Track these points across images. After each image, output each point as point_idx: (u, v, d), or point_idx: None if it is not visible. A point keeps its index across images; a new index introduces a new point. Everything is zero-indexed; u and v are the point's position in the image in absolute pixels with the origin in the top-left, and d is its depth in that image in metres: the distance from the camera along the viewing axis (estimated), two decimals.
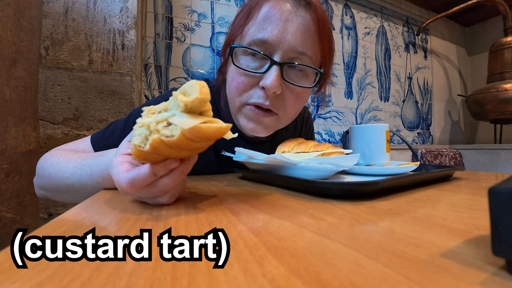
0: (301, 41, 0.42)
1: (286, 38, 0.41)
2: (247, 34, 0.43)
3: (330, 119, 1.72)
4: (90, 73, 0.85)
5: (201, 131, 0.20)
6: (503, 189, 0.11)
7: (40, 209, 0.78)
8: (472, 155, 1.96)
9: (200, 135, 0.20)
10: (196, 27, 1.33)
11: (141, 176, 0.23)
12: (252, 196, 0.30)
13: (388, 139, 0.48)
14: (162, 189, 0.24)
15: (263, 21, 0.42)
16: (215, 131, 0.21)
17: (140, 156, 0.22)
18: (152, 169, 0.23)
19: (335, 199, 0.27)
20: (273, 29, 0.41)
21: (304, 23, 0.42)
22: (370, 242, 0.15)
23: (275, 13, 0.41)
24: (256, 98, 0.44)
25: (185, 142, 0.20)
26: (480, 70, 2.43)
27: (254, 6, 0.43)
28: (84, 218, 0.21)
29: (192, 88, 0.21)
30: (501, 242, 0.11)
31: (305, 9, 0.42)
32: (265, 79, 0.41)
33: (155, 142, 0.20)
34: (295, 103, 0.46)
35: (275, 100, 0.44)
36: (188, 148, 0.22)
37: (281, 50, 0.41)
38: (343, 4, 1.82)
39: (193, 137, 0.20)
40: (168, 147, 0.21)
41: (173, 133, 0.20)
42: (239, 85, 0.44)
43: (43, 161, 0.41)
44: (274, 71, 0.41)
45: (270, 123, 0.46)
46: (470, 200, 0.26)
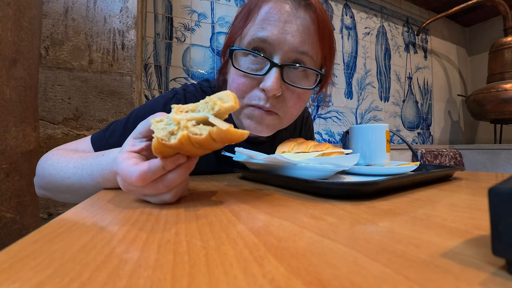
0: (301, 41, 0.42)
1: (286, 39, 0.41)
2: (246, 35, 0.43)
3: (330, 119, 1.72)
4: (90, 73, 0.85)
5: (229, 134, 0.22)
6: (503, 189, 0.11)
7: (40, 209, 0.78)
8: (472, 155, 1.96)
9: (226, 137, 0.22)
10: (196, 27, 1.33)
11: (152, 168, 0.23)
12: (252, 196, 0.30)
13: (388, 139, 0.48)
14: (168, 184, 0.24)
15: (262, 21, 0.42)
16: (240, 136, 0.23)
17: (158, 149, 0.23)
18: (163, 163, 0.23)
19: (335, 199, 0.27)
20: (273, 29, 0.41)
21: (304, 24, 0.42)
22: (370, 242, 0.15)
23: (274, 14, 0.41)
24: (257, 99, 0.44)
25: (209, 142, 0.22)
26: (480, 70, 2.43)
27: (253, 7, 0.43)
28: (84, 218, 0.21)
29: (228, 97, 0.24)
30: (501, 242, 0.11)
31: (304, 10, 0.42)
32: (265, 82, 0.41)
33: (183, 137, 0.22)
34: (296, 104, 0.46)
35: (275, 102, 0.44)
36: (207, 147, 0.24)
37: (281, 50, 0.41)
38: (343, 4, 1.82)
39: (218, 138, 0.22)
40: (191, 144, 0.23)
41: (201, 132, 0.22)
42: (240, 87, 0.44)
43: (43, 161, 0.41)
44: (274, 74, 0.41)
45: (272, 123, 0.46)
46: (470, 200, 0.26)
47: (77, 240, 0.16)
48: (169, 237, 0.16)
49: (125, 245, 0.15)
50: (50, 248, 0.15)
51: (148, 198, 0.26)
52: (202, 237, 0.16)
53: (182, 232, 0.17)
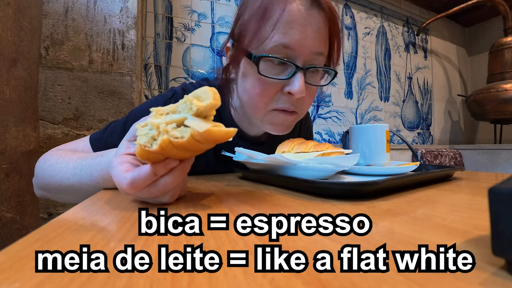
0: (319, 43, 0.42)
1: (307, 43, 0.41)
2: (267, 39, 0.41)
3: (330, 119, 1.72)
4: (90, 73, 0.85)
5: (211, 134, 0.21)
6: (503, 189, 0.11)
7: (40, 209, 0.78)
8: (472, 155, 1.96)
9: (210, 138, 0.21)
10: (196, 27, 1.33)
11: (142, 176, 0.23)
12: (252, 196, 0.30)
13: (388, 139, 0.48)
14: (163, 189, 0.24)
15: (284, 25, 0.40)
16: (224, 135, 0.22)
17: (144, 155, 0.22)
18: (153, 169, 0.23)
19: (335, 199, 0.27)
20: (295, 34, 0.41)
21: (318, 25, 0.42)
22: (370, 242, 0.15)
23: (295, 17, 0.40)
24: (282, 103, 0.44)
25: (193, 144, 0.21)
26: (480, 70, 2.43)
27: (269, 7, 0.41)
28: (84, 218, 0.21)
29: (206, 94, 0.22)
30: (501, 242, 0.11)
31: (317, 10, 0.42)
32: (292, 85, 0.42)
33: (164, 142, 0.21)
34: (310, 100, 0.48)
35: (298, 102, 0.45)
36: (193, 149, 0.23)
37: (302, 54, 0.42)
38: (343, 4, 1.82)
39: (202, 140, 0.21)
40: (175, 148, 0.22)
41: (183, 135, 0.21)
42: (263, 92, 0.44)
43: (42, 161, 0.41)
44: (300, 77, 0.42)
45: (293, 122, 0.49)
46: (470, 200, 0.26)
47: (77, 240, 0.16)
48: (169, 237, 0.16)
49: (125, 245, 0.15)
50: (50, 248, 0.15)
51: (146, 200, 0.26)
52: (202, 237, 0.16)
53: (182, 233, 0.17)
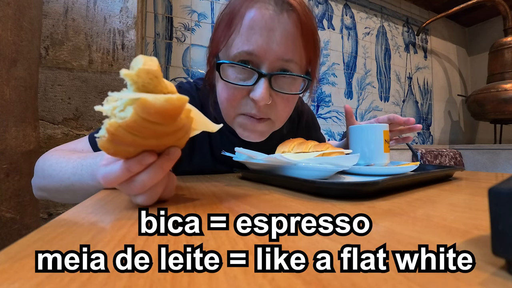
0: (286, 49, 0.41)
1: (271, 48, 0.41)
2: (232, 46, 0.42)
3: (330, 119, 1.72)
4: (90, 73, 0.85)
5: (147, 105, 0.18)
6: (503, 189, 0.11)
7: (40, 209, 0.78)
8: (472, 155, 1.96)
9: (151, 111, 0.18)
10: (196, 27, 1.33)
11: (114, 171, 0.21)
12: (252, 196, 0.30)
13: (387, 139, 0.48)
14: (141, 187, 0.22)
15: (246, 31, 0.41)
16: (164, 103, 0.18)
17: (106, 148, 0.20)
18: (126, 164, 0.21)
19: (335, 199, 0.27)
20: (258, 40, 0.40)
21: (287, 30, 0.41)
22: (370, 242, 0.15)
23: (258, 22, 0.40)
24: (248, 108, 0.44)
25: (143, 124, 0.19)
26: (480, 70, 2.43)
27: (236, 14, 0.42)
28: (84, 218, 0.21)
29: (137, 61, 0.19)
30: (501, 242, 0.11)
31: (287, 14, 0.41)
32: (255, 92, 0.41)
33: (111, 126, 0.18)
34: (286, 107, 0.47)
35: (266, 108, 0.44)
36: (150, 133, 0.20)
37: (267, 60, 0.41)
38: (343, 4, 1.82)
39: (147, 116, 0.18)
40: (129, 133, 0.19)
41: (127, 114, 0.18)
42: (230, 97, 0.44)
43: (42, 162, 0.41)
44: (263, 84, 0.41)
45: (265, 128, 0.47)
46: (470, 200, 0.26)
47: (77, 240, 0.16)
48: (169, 237, 0.16)
49: (125, 245, 0.15)
50: (50, 248, 0.15)
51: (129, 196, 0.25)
52: (202, 237, 0.16)
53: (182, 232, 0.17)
